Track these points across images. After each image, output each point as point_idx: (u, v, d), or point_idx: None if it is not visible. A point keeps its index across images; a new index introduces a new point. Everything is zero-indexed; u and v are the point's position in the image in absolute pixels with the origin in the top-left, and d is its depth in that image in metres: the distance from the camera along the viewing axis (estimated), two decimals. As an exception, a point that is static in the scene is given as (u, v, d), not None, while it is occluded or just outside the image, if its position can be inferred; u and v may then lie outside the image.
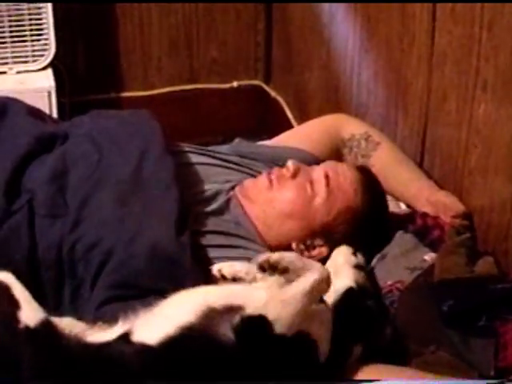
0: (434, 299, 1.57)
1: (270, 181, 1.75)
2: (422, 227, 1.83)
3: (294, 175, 1.74)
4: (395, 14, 2.14)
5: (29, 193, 1.59)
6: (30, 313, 1.22)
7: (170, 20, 2.96)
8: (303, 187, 1.72)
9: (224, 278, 1.38)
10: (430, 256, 1.73)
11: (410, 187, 1.96)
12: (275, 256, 1.32)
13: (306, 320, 1.27)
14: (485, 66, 1.76)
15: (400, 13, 2.11)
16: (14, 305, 1.23)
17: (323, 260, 1.62)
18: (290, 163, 1.76)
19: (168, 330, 1.20)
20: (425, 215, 1.88)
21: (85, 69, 2.94)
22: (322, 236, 1.72)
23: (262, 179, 1.77)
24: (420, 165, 2.10)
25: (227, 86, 3.14)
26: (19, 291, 1.26)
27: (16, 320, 1.21)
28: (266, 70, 3.17)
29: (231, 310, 1.22)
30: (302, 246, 1.72)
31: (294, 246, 1.71)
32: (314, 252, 1.71)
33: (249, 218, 1.73)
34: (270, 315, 1.20)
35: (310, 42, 2.76)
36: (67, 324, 1.26)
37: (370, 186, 1.78)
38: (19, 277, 1.35)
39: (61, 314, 1.36)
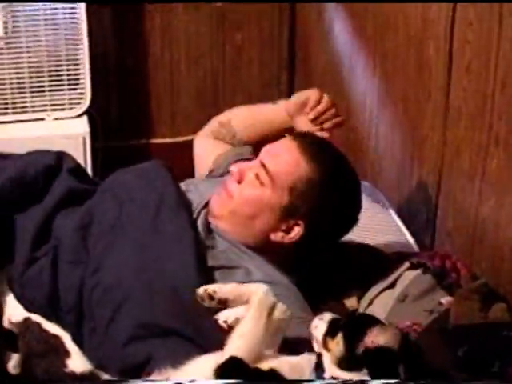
0: (449, 344, 1.55)
1: (228, 193, 1.73)
2: (440, 269, 1.81)
3: (240, 180, 1.72)
4: (412, 70, 2.16)
5: (56, 240, 1.63)
6: (77, 362, 1.36)
7: (199, 72, 3.00)
8: (252, 185, 1.70)
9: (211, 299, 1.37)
10: (446, 300, 1.71)
11: (267, 112, 2.03)
12: (212, 287, 1.36)
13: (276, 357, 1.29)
14: (498, 123, 1.77)
15: (416, 69, 2.13)
16: (65, 354, 1.36)
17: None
18: (232, 168, 1.75)
19: None
20: (444, 257, 1.85)
21: (117, 116, 2.97)
22: (290, 217, 1.69)
23: (223, 194, 1.75)
24: (434, 214, 2.09)
25: (250, 134, 3.17)
26: (70, 344, 1.39)
27: (64, 365, 1.35)
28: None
29: None
30: (280, 234, 1.69)
31: (273, 237, 1.69)
32: (293, 233, 1.69)
33: (231, 238, 1.73)
34: (236, 352, 1.25)
35: (331, 94, 2.76)
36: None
37: (315, 150, 1.73)
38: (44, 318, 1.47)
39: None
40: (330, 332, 1.28)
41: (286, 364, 1.28)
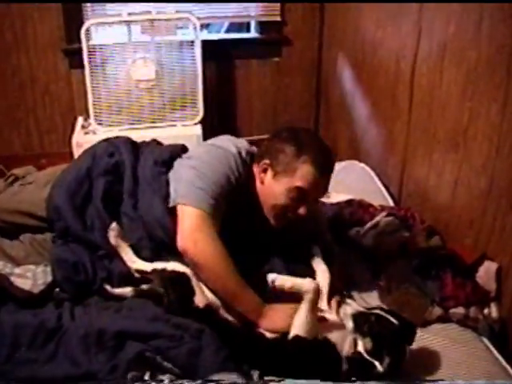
0: (408, 259, 1.59)
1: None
2: (404, 216, 1.81)
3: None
4: (388, 101, 2.09)
5: None
6: (200, 298, 1.15)
7: (265, 102, 2.96)
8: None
9: (275, 288, 1.17)
10: (406, 234, 1.70)
11: None
12: (286, 283, 1.16)
13: (319, 328, 1.15)
14: (440, 132, 1.73)
15: (391, 101, 2.07)
16: (191, 291, 1.15)
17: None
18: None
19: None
20: (406, 210, 1.82)
21: (216, 125, 2.90)
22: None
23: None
24: (400, 183, 2.05)
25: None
26: (195, 282, 1.16)
27: (191, 301, 1.14)
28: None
29: None
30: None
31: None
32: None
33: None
34: (301, 333, 1.13)
35: (340, 112, 2.69)
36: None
37: None
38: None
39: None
40: (359, 332, 1.12)
41: (334, 333, 1.15)
